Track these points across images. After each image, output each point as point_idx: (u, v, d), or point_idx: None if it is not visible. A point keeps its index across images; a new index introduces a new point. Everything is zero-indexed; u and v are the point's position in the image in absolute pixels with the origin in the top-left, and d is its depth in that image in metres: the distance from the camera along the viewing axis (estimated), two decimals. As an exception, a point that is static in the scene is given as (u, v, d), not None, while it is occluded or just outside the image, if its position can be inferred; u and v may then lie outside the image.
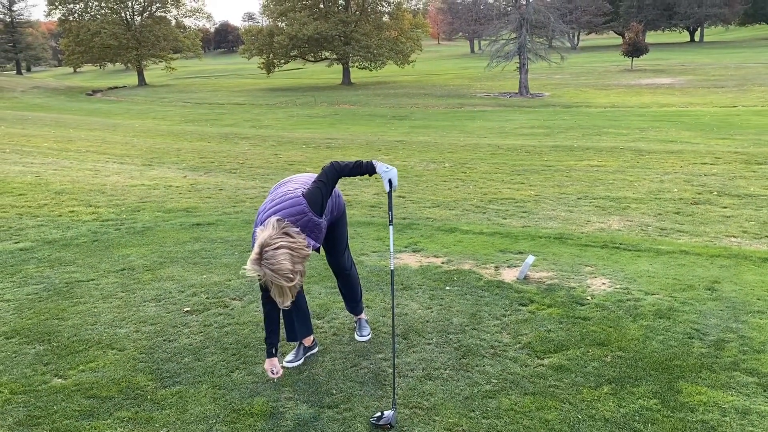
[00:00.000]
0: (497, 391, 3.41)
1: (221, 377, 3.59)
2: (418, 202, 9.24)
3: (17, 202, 8.74)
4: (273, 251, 2.91)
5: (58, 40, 73.34)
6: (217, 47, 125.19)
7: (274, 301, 3.12)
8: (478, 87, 41.88)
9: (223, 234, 6.88)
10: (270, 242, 2.93)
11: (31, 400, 3.35)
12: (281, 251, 2.92)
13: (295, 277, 2.94)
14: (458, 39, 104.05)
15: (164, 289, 5.02)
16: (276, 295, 3.01)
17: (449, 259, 5.75)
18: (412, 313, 4.48)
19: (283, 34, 49.37)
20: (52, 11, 59.10)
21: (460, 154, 15.23)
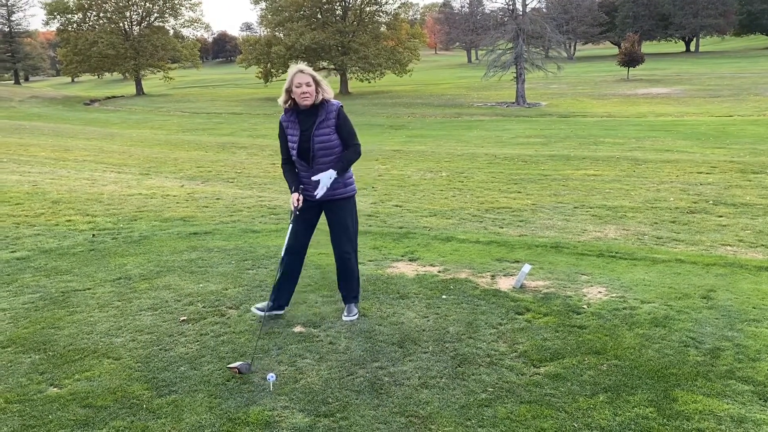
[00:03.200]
0: (493, 399, 3.42)
1: (217, 386, 3.59)
2: (415, 211, 9.26)
3: (14, 211, 8.74)
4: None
5: (56, 50, 73.45)
6: (215, 57, 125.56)
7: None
8: (475, 96, 42.05)
9: (220, 243, 6.88)
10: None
11: (26, 409, 3.34)
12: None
13: (315, 80, 4.09)
14: (455, 49, 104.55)
15: (161, 298, 5.02)
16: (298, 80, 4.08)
17: (446, 268, 5.76)
18: (409, 321, 4.48)
19: (280, 44, 49.56)
20: (50, 21, 59.28)
21: (457, 163, 15.27)
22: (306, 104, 4.14)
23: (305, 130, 4.19)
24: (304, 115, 4.21)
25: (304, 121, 4.20)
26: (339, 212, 4.41)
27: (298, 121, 4.22)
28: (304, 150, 4.21)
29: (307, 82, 4.08)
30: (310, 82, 4.09)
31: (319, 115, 4.17)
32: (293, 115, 4.25)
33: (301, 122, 4.21)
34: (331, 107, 4.21)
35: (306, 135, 4.19)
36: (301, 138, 4.20)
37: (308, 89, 4.08)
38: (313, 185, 4.24)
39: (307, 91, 4.09)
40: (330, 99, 4.23)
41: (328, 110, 4.20)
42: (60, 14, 58.05)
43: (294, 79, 4.09)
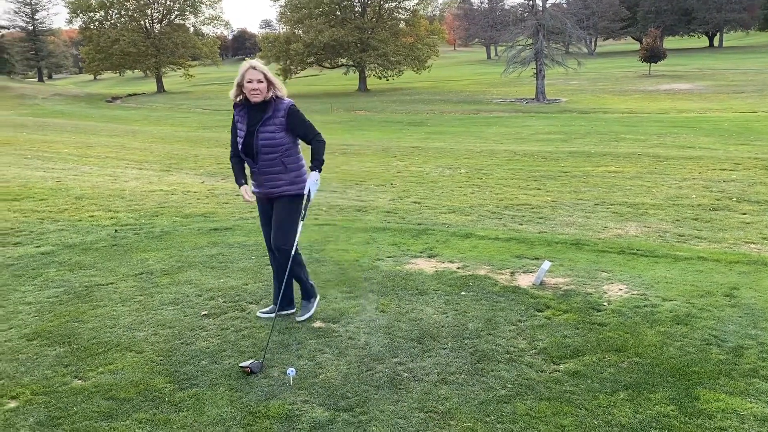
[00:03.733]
0: (513, 396, 3.41)
1: (238, 380, 3.62)
2: (434, 207, 9.25)
3: (38, 206, 8.88)
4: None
5: (78, 48, 74.41)
6: (235, 54, 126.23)
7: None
8: (495, 93, 41.83)
9: (240, 239, 6.93)
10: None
11: (51, 401, 3.40)
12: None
13: (267, 78, 4.12)
14: (474, 45, 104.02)
15: (182, 293, 5.07)
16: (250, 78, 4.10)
17: (465, 265, 5.75)
18: (428, 317, 4.49)
19: (299, 41, 49.71)
20: (73, 19, 60.02)
21: (476, 160, 15.22)
22: (255, 100, 4.16)
23: (251, 125, 4.21)
24: (253, 111, 4.22)
25: (252, 117, 4.22)
26: (282, 208, 4.37)
27: (247, 117, 4.24)
28: (248, 145, 4.24)
29: (258, 79, 4.10)
30: (262, 79, 4.11)
31: (266, 112, 4.18)
32: (243, 109, 4.26)
33: (249, 117, 4.23)
34: (281, 105, 4.21)
35: (251, 131, 4.21)
36: (247, 133, 4.23)
37: (259, 86, 4.10)
38: (260, 183, 4.35)
39: (258, 87, 4.11)
40: (282, 97, 4.24)
41: (276, 108, 4.20)
42: (83, 12, 58.75)
43: (245, 75, 4.12)
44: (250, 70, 4.11)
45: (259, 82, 4.11)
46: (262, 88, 4.12)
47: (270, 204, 4.44)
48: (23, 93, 53.16)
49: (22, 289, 5.22)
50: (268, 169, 4.26)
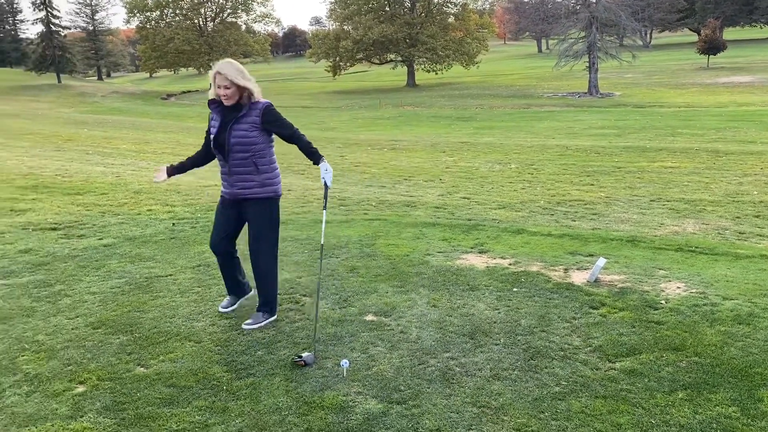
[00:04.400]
0: (567, 393, 3.38)
1: (293, 370, 3.70)
2: (484, 203, 9.19)
3: (100, 200, 9.22)
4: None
5: (135, 47, 76.70)
6: (285, 51, 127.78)
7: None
8: (546, 87, 41.18)
9: (293, 233, 7.04)
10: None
11: (116, 386, 3.54)
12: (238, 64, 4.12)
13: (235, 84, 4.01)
14: (525, 39, 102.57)
15: (237, 285, 5.19)
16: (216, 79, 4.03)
17: (516, 261, 5.70)
18: (479, 313, 4.47)
19: (349, 38, 49.97)
20: (131, 19, 61.90)
21: (526, 155, 15.04)
22: (227, 103, 4.09)
23: (225, 123, 4.12)
24: (228, 109, 4.13)
25: (226, 114, 4.13)
26: (254, 214, 4.32)
27: (222, 113, 4.15)
28: (219, 142, 4.15)
29: (225, 85, 4.01)
30: (228, 85, 4.00)
31: (241, 110, 4.09)
32: (219, 106, 4.17)
33: (224, 114, 4.14)
34: (257, 105, 4.13)
35: (224, 128, 4.12)
36: (220, 128, 4.14)
37: (226, 91, 4.02)
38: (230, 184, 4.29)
39: (225, 93, 4.03)
40: (258, 100, 4.14)
41: (252, 107, 4.11)
42: (139, 12, 60.53)
43: (215, 79, 4.05)
44: (217, 75, 4.02)
45: (226, 88, 4.02)
46: (230, 94, 4.03)
47: (235, 209, 4.35)
48: (83, 91, 55.16)
49: (86, 279, 5.44)
50: (239, 168, 4.17)
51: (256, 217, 4.33)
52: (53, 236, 7.00)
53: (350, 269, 5.56)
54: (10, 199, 9.27)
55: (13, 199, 9.22)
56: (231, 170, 4.20)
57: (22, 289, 5.17)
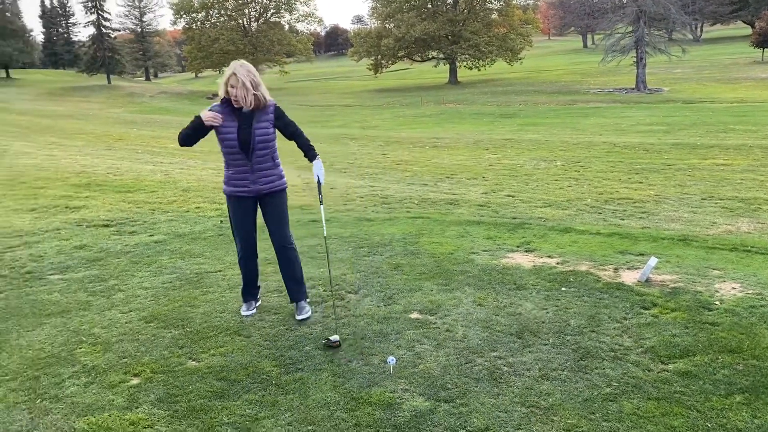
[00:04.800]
0: (618, 394, 3.31)
1: (340, 366, 3.73)
2: (529, 201, 9.08)
3: (150, 198, 9.46)
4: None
5: (181, 48, 78.30)
6: (327, 50, 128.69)
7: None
8: (592, 83, 40.43)
9: (337, 231, 7.09)
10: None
11: (169, 379, 3.63)
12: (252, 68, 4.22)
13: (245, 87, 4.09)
14: (570, 34, 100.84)
15: (284, 282, 5.26)
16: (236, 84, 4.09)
17: (564, 260, 5.62)
18: (527, 313, 4.43)
19: (390, 36, 49.99)
20: (177, 20, 63.25)
21: (572, 152, 14.80)
22: (236, 105, 4.17)
23: (244, 122, 4.20)
24: (240, 111, 4.21)
25: (242, 117, 4.21)
26: (277, 204, 4.50)
27: (236, 116, 4.21)
28: (244, 142, 4.22)
29: (234, 84, 4.11)
30: (237, 86, 4.10)
31: (259, 113, 4.22)
32: (229, 107, 4.21)
33: (238, 115, 4.21)
34: (268, 104, 4.28)
35: (245, 127, 4.19)
36: (240, 129, 4.20)
37: (239, 92, 4.10)
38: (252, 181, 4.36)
39: (238, 95, 4.11)
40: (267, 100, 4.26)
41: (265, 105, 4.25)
42: (186, 13, 61.79)
43: (229, 80, 4.14)
44: (232, 76, 4.11)
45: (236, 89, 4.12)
46: (243, 95, 4.12)
47: (253, 206, 4.47)
48: (132, 92, 56.63)
49: (139, 274, 5.59)
50: (262, 165, 4.32)
51: (277, 208, 4.52)
52: (106, 232, 7.21)
53: (394, 267, 5.57)
54: (65, 196, 9.59)
55: (68, 197, 9.54)
56: (254, 167, 4.32)
57: (79, 284, 5.34)
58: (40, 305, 4.83)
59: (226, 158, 4.36)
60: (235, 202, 4.45)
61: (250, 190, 4.40)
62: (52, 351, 4.01)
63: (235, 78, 4.09)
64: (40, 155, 15.85)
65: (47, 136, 21.90)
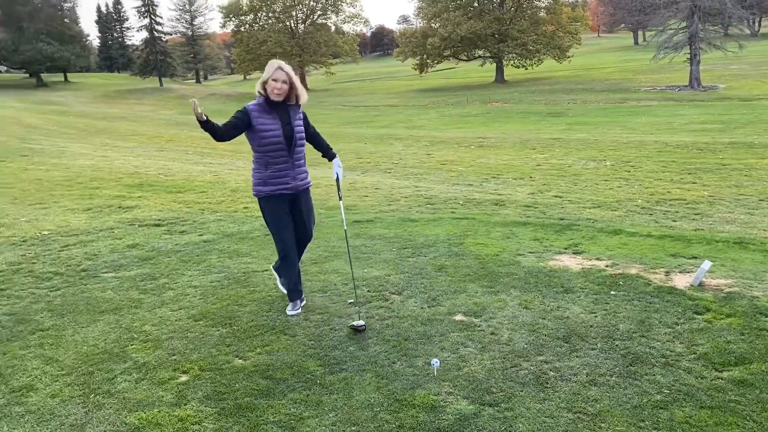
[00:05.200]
0: (669, 402, 3.22)
1: (384, 367, 3.73)
2: (577, 202, 8.91)
3: (200, 198, 9.67)
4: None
5: (230, 50, 79.75)
6: (373, 51, 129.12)
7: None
8: (643, 80, 39.42)
9: (381, 231, 7.11)
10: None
11: (216, 377, 3.70)
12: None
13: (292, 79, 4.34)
14: (620, 31, 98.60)
15: (329, 282, 5.31)
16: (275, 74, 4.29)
17: (614, 263, 5.49)
18: (575, 316, 4.34)
19: (436, 35, 49.82)
20: (226, 23, 64.47)
21: (622, 151, 14.46)
22: (276, 99, 4.34)
23: (285, 121, 4.41)
24: (278, 109, 4.39)
25: (283, 114, 4.41)
26: (308, 200, 4.71)
27: (276, 113, 4.38)
28: (288, 138, 4.41)
29: (283, 80, 4.31)
30: (286, 80, 4.32)
31: (292, 109, 4.45)
32: (264, 107, 4.36)
33: (278, 114, 4.39)
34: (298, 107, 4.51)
35: (288, 125, 4.41)
36: (284, 128, 4.39)
37: (283, 86, 4.31)
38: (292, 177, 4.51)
39: (282, 88, 4.31)
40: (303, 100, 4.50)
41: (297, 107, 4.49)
42: (234, 16, 62.93)
43: (273, 74, 4.30)
44: (278, 70, 4.31)
45: (284, 83, 4.32)
46: (285, 89, 4.33)
47: (289, 204, 4.58)
48: (183, 94, 57.99)
49: (188, 273, 5.72)
50: (300, 161, 4.55)
51: (308, 204, 4.72)
52: (158, 232, 7.40)
53: (438, 268, 5.55)
54: (118, 196, 9.90)
55: (121, 197, 9.84)
56: (294, 163, 4.51)
57: (131, 282, 5.50)
58: (95, 302, 4.99)
59: (264, 158, 4.44)
60: (274, 201, 4.52)
61: (291, 187, 4.52)
62: (105, 347, 4.14)
63: (281, 72, 4.30)
64: (96, 156, 16.40)
65: (102, 138, 22.66)
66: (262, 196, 4.54)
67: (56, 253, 6.52)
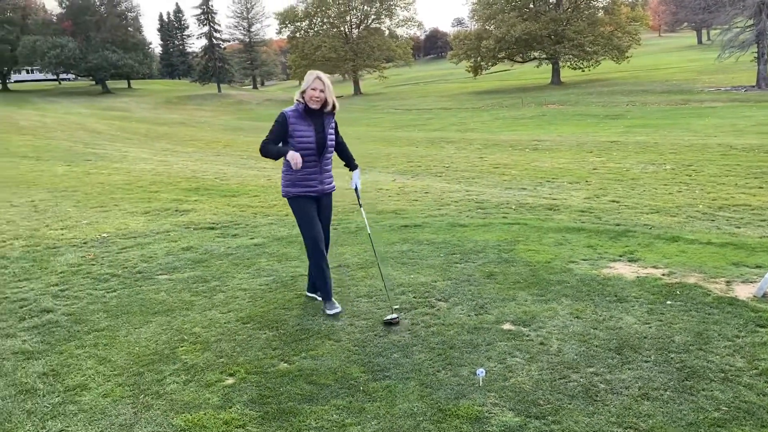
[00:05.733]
0: (728, 420, 3.05)
1: (428, 376, 3.68)
2: (634, 207, 8.64)
3: (252, 202, 9.83)
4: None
5: (286, 56, 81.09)
6: (427, 54, 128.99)
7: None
8: (706, 81, 38.03)
9: (429, 236, 7.05)
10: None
11: (261, 380, 3.73)
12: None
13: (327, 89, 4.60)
14: (683, 30, 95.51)
15: (375, 287, 5.29)
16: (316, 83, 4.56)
17: (671, 271, 5.28)
18: (628, 327, 4.19)
19: (491, 37, 49.38)
20: (282, 29, 65.60)
21: (683, 155, 13.96)
22: (314, 106, 4.61)
23: (318, 128, 4.65)
24: (313, 117, 4.63)
25: (316, 122, 4.64)
26: (330, 203, 4.95)
27: (311, 120, 4.62)
28: (320, 145, 4.66)
29: (321, 89, 4.58)
30: (323, 89, 4.59)
31: (326, 117, 4.68)
32: (301, 114, 4.61)
33: (315, 121, 4.64)
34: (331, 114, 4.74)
35: (321, 132, 4.65)
36: (317, 134, 4.63)
37: (321, 94, 4.58)
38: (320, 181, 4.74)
39: (320, 96, 4.58)
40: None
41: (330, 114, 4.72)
42: (290, 22, 63.97)
43: (312, 83, 4.58)
44: (317, 80, 4.58)
45: (321, 92, 4.58)
46: (322, 97, 4.59)
47: (315, 206, 4.82)
48: (240, 99, 59.32)
49: (238, 276, 5.80)
50: (328, 166, 4.79)
51: (329, 207, 4.97)
52: (211, 235, 7.55)
53: (487, 275, 5.46)
54: (176, 200, 10.16)
55: (179, 201, 10.10)
56: (323, 168, 4.75)
57: (184, 284, 5.62)
58: (148, 304, 5.12)
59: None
60: (303, 202, 4.76)
61: (317, 190, 4.77)
62: (156, 348, 4.24)
63: (320, 82, 4.58)
64: (155, 161, 16.92)
65: (163, 143, 23.38)
66: (291, 197, 4.79)
67: (114, 255, 6.74)
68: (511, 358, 3.84)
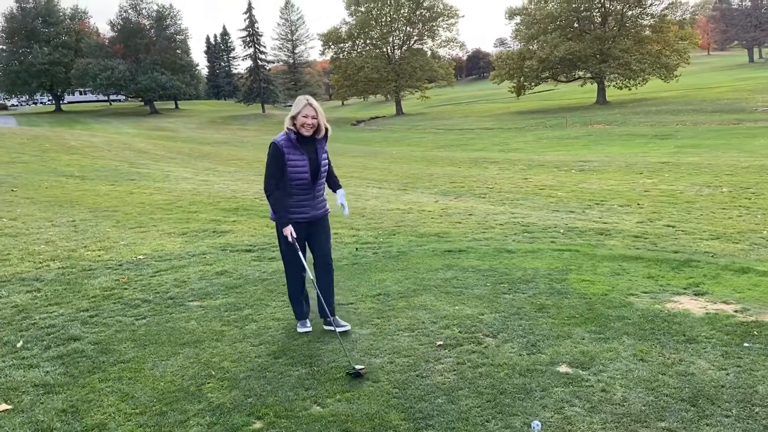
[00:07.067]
0: (835, 496, 2.58)
1: (476, 426, 3.29)
2: (692, 233, 8.09)
3: (290, 224, 9.59)
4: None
5: (329, 77, 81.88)
6: (469, 74, 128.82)
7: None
8: (760, 100, 36.67)
9: (474, 262, 6.66)
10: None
11: (291, 426, 3.40)
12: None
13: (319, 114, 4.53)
14: (733, 48, 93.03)
15: (417, 319, 4.93)
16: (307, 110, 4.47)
17: (744, 308, 4.77)
18: (701, 373, 3.72)
19: (534, 57, 48.87)
20: (326, 50, 66.32)
21: (741, 176, 13.24)
22: (306, 133, 4.50)
23: (312, 155, 4.56)
24: (306, 144, 4.53)
25: (308, 149, 4.55)
26: (326, 225, 4.83)
27: (304, 149, 4.52)
28: (314, 172, 4.58)
29: (312, 115, 4.48)
30: (315, 116, 4.50)
31: (319, 143, 4.60)
32: (294, 143, 4.49)
33: (306, 149, 4.54)
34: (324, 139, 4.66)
35: (314, 160, 4.57)
36: (310, 161, 4.55)
37: (312, 121, 4.48)
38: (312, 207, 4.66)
39: (312, 122, 4.49)
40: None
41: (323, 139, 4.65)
42: (333, 44, 64.63)
43: (303, 110, 4.47)
44: (307, 106, 4.48)
45: (313, 118, 4.49)
46: (315, 123, 4.50)
47: (307, 229, 4.72)
48: (284, 119, 59.99)
49: (272, 304, 5.52)
50: (319, 192, 4.71)
51: (326, 229, 4.85)
52: (247, 258, 7.31)
53: (539, 308, 5.04)
54: (214, 220, 10.01)
55: (217, 221, 9.94)
56: (315, 195, 4.67)
57: (215, 312, 5.36)
58: (177, 333, 4.86)
59: (287, 188, 4.57)
60: (295, 227, 4.62)
61: (308, 216, 4.68)
62: (181, 384, 3.96)
63: (311, 108, 4.49)
64: (197, 180, 16.96)
65: (205, 162, 23.56)
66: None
67: (148, 278, 6.54)
68: (570, 408, 3.42)
